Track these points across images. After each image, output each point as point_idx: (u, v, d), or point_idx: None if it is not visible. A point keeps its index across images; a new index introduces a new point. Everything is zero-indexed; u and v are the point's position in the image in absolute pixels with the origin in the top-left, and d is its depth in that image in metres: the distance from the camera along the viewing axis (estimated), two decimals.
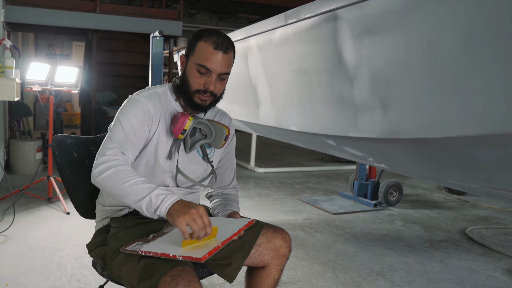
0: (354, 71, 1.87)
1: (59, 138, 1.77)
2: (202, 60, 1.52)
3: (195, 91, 1.55)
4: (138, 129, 1.53)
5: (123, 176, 1.41)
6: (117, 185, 1.41)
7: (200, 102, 1.57)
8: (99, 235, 1.64)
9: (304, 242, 3.40)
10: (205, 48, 1.52)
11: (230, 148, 1.81)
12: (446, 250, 3.36)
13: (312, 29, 2.10)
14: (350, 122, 1.97)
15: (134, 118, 1.52)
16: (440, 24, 1.45)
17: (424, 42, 1.52)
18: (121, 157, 1.47)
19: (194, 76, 1.54)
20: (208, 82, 1.53)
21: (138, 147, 1.54)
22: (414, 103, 1.63)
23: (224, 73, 1.55)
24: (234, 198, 1.80)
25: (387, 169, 2.58)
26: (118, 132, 1.51)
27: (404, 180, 5.89)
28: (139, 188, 1.39)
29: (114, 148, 1.48)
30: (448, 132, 1.52)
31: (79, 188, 1.75)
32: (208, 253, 1.29)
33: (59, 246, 3.11)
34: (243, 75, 3.01)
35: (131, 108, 1.55)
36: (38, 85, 4.23)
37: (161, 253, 1.34)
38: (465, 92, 1.42)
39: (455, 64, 1.43)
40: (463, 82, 1.42)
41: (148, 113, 1.55)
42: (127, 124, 1.51)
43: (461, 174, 1.86)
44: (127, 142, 1.50)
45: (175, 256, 1.31)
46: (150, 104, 1.56)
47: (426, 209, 4.59)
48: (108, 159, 1.45)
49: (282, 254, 1.65)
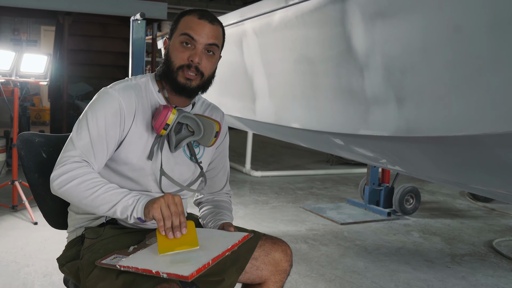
0: (365, 59, 1.87)
1: (25, 137, 1.76)
2: (185, 29, 1.56)
3: (178, 68, 1.56)
4: (108, 131, 1.53)
5: (92, 185, 1.44)
6: (85, 196, 1.44)
7: (185, 82, 1.57)
8: (71, 248, 1.64)
9: (308, 256, 3.41)
10: (189, 19, 1.58)
11: (223, 148, 1.80)
12: (470, 266, 3.37)
13: (317, 11, 2.10)
14: (361, 118, 1.98)
15: (103, 117, 1.53)
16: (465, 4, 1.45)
17: (446, 26, 1.53)
18: (84, 165, 1.49)
19: (178, 51, 1.57)
20: (193, 54, 1.55)
21: (108, 150, 1.55)
22: (434, 96, 1.63)
23: (211, 44, 1.57)
24: (226, 206, 1.80)
25: (402, 172, 2.59)
26: (83, 137, 1.52)
27: (422, 185, 5.91)
28: (112, 194, 1.43)
29: (77, 156, 1.49)
30: (473, 129, 1.53)
31: (48, 194, 1.74)
32: (196, 271, 1.29)
33: (25, 261, 3.10)
34: (238, 64, 3.01)
35: (100, 105, 1.55)
36: (1, 75, 4.21)
37: (142, 269, 1.33)
38: (492, 82, 1.43)
39: (482, 50, 1.43)
40: (489, 71, 1.43)
41: (118, 110, 1.55)
42: (93, 127, 1.52)
43: (487, 177, 1.87)
44: (93, 148, 1.52)
45: (159, 272, 1.31)
46: (122, 98, 1.56)
47: (448, 219, 4.60)
48: (70, 168, 1.46)
49: (282, 269, 1.65)
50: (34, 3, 6.56)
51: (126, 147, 1.58)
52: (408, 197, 4.59)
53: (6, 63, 4.19)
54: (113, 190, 1.45)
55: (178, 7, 12.26)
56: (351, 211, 4.69)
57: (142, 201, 1.43)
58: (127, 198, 1.43)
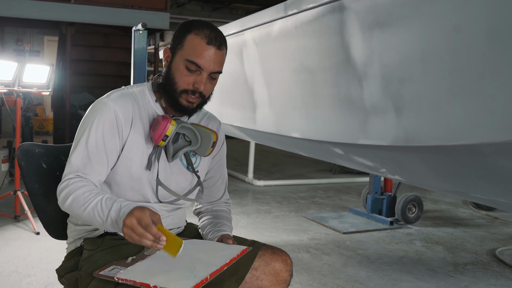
0: (363, 69, 1.88)
1: (25, 147, 1.77)
2: (192, 56, 1.52)
3: (182, 91, 1.56)
4: (106, 143, 1.54)
5: (82, 202, 1.45)
6: (79, 213, 1.46)
7: (187, 104, 1.57)
8: (70, 259, 1.64)
9: (310, 265, 3.40)
10: (197, 43, 1.53)
11: (220, 157, 1.81)
12: (472, 275, 3.35)
13: (315, 21, 2.11)
14: (360, 128, 1.98)
15: (100, 130, 1.54)
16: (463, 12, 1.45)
17: (444, 35, 1.53)
18: (77, 180, 1.50)
19: (182, 74, 1.54)
20: (198, 82, 1.54)
21: (108, 161, 1.56)
22: (433, 105, 1.63)
23: (216, 72, 1.56)
24: (225, 216, 1.80)
25: (403, 181, 2.58)
26: (81, 151, 1.53)
27: (425, 194, 5.90)
28: (99, 210, 1.42)
29: (72, 173, 1.51)
30: (471, 138, 1.52)
31: (48, 204, 1.75)
32: (194, 286, 1.30)
33: (27, 271, 3.10)
34: (238, 74, 3.02)
35: (95, 116, 1.55)
36: (4, 86, 4.23)
37: (140, 282, 1.34)
38: (490, 91, 1.43)
39: (480, 59, 1.43)
40: (488, 80, 1.43)
41: (115, 120, 1.55)
42: (91, 140, 1.53)
43: (487, 186, 1.86)
44: (90, 162, 1.53)
45: (156, 287, 1.32)
46: (118, 108, 1.56)
47: (450, 227, 4.58)
48: (65, 186, 1.49)
49: (282, 279, 1.65)
50: (37, 14, 6.61)
51: (125, 155, 1.58)
52: (410, 206, 4.58)
53: (9, 74, 4.21)
54: (100, 204, 1.42)
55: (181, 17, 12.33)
56: (354, 220, 4.68)
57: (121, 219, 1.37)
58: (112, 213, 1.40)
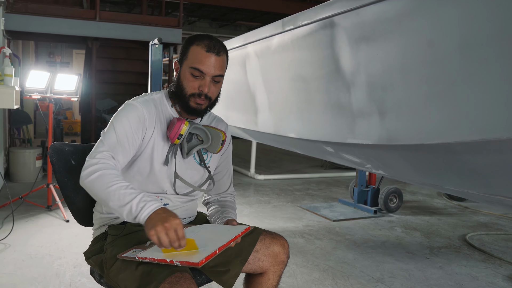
0: (351, 78, 1.88)
1: (56, 146, 1.77)
2: (195, 63, 1.53)
3: (190, 95, 1.56)
4: (132, 134, 1.53)
5: (108, 180, 1.38)
6: (102, 189, 1.37)
7: (196, 106, 1.58)
8: (96, 243, 1.65)
9: (304, 249, 3.40)
10: (198, 51, 1.54)
11: (227, 155, 1.81)
12: (446, 257, 3.35)
13: (309, 36, 2.11)
14: (348, 129, 1.98)
15: (128, 123, 1.53)
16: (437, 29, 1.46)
17: (421, 48, 1.53)
18: (110, 161, 1.45)
19: (188, 80, 1.56)
20: (203, 85, 1.55)
21: (130, 152, 1.54)
22: (411, 109, 1.63)
23: (217, 75, 1.56)
24: (231, 205, 1.80)
25: (385, 175, 2.58)
26: (111, 136, 1.51)
27: (404, 187, 5.89)
28: (121, 194, 1.35)
29: (104, 151, 1.46)
30: (444, 138, 1.53)
31: (76, 195, 1.76)
32: (205, 258, 1.29)
33: (58, 254, 3.11)
34: (242, 82, 3.02)
35: (125, 113, 1.55)
36: (38, 93, 4.24)
37: (158, 259, 1.34)
38: (461, 97, 1.43)
39: (452, 69, 1.43)
40: (459, 87, 1.43)
41: (142, 119, 1.55)
42: (120, 129, 1.51)
43: (459, 180, 1.86)
44: (119, 147, 1.50)
45: (172, 261, 1.31)
46: (145, 109, 1.56)
47: (426, 216, 4.58)
48: (96, 162, 1.42)
49: (280, 260, 1.65)
50: (67, 30, 6.60)
51: (148, 153, 1.58)
52: (392, 197, 4.57)
53: (42, 82, 4.22)
54: (124, 189, 1.36)
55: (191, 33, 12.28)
56: (342, 210, 4.67)
57: (145, 212, 1.32)
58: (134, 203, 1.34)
